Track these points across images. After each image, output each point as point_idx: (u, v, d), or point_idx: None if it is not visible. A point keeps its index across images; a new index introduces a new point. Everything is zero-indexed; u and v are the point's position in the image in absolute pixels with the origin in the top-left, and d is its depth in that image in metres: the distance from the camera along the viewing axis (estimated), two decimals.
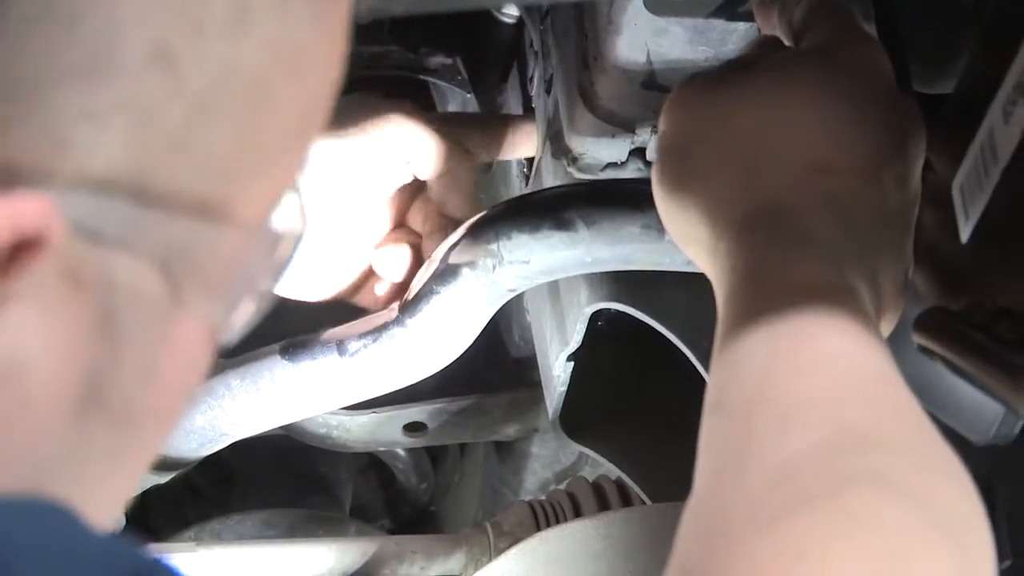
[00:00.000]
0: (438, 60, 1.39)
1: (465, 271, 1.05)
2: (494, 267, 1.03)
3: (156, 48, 0.46)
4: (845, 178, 0.73)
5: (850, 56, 0.76)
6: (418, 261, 1.11)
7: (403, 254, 1.11)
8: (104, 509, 0.51)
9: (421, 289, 1.07)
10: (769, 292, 0.68)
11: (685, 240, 0.77)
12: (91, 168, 0.46)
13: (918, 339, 0.72)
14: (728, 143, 0.75)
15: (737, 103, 0.76)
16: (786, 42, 0.83)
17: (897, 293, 0.75)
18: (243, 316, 0.54)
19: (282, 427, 1.28)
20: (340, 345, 1.12)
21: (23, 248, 0.44)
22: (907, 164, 0.75)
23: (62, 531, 0.45)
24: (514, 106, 1.35)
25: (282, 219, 0.54)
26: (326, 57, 0.52)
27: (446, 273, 1.06)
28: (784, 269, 0.69)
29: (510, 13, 1.30)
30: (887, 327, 0.74)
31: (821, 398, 0.63)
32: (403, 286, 1.11)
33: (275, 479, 1.63)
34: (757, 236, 0.71)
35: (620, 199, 1.02)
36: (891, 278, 0.74)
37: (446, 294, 1.06)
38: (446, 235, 1.08)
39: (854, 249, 0.71)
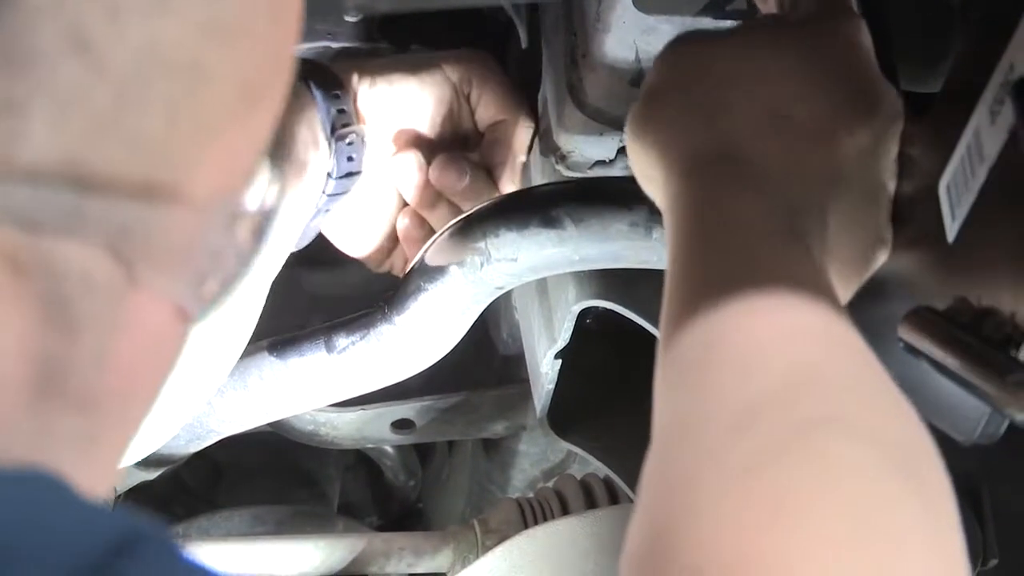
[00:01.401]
0: None
1: (453, 269, 1.05)
2: (482, 265, 1.03)
3: (71, 34, 0.45)
4: (803, 130, 0.75)
5: (831, 26, 0.79)
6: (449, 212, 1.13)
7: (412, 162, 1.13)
8: (85, 492, 0.51)
9: (409, 286, 1.07)
10: (719, 234, 0.69)
11: (645, 180, 0.79)
12: (18, 158, 0.45)
13: (904, 338, 0.72)
14: (698, 88, 0.77)
15: (716, 54, 0.79)
16: None
17: (857, 260, 0.76)
18: (211, 293, 0.53)
19: (270, 424, 1.28)
20: (328, 342, 1.12)
21: None
22: (876, 137, 0.76)
23: (44, 498, 0.45)
24: None
25: (250, 196, 0.53)
26: (268, 25, 0.51)
27: (434, 270, 1.06)
28: (734, 211, 0.70)
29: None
30: (843, 290, 0.75)
31: (774, 339, 0.63)
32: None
33: (263, 476, 1.63)
34: (708, 177, 0.73)
35: (608, 197, 1.02)
36: (847, 242, 0.75)
37: (434, 291, 1.06)
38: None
39: (804, 200, 0.72)
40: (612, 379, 1.30)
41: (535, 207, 1.02)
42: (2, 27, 0.44)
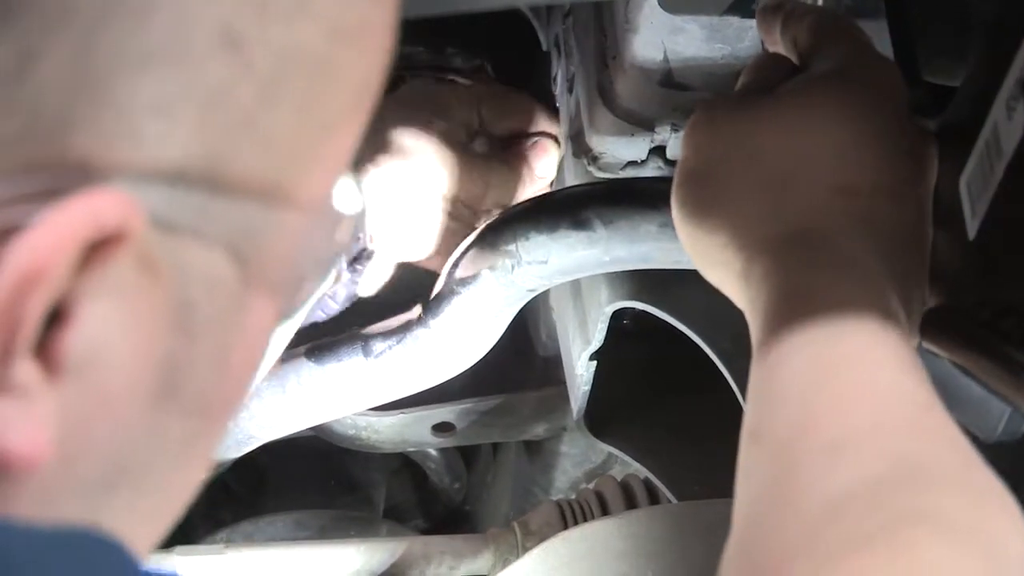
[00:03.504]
0: (464, 60, 1.39)
1: (485, 272, 1.05)
2: (513, 268, 1.04)
3: (223, 33, 0.46)
4: (870, 199, 0.73)
5: (869, 79, 0.77)
6: None
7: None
8: (177, 497, 0.52)
9: (442, 290, 1.08)
10: (812, 315, 0.67)
11: (710, 263, 0.76)
12: (164, 158, 0.46)
13: (923, 338, 0.71)
14: (754, 166, 0.75)
15: (760, 127, 0.76)
16: (792, 59, 0.82)
17: (920, 310, 0.75)
18: (306, 297, 0.54)
19: (312, 429, 1.29)
20: (365, 346, 1.12)
21: (104, 243, 0.44)
22: (925, 185, 0.76)
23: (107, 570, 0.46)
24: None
25: (341, 199, 0.54)
26: (381, 28, 0.52)
27: (466, 275, 1.06)
28: (828, 292, 0.68)
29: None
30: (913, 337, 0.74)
31: (870, 426, 0.62)
32: None
33: (308, 480, 1.64)
34: (796, 258, 0.71)
35: (637, 198, 1.02)
36: (917, 296, 0.74)
37: (467, 295, 1.07)
38: None
39: (888, 271, 0.71)
40: (649, 379, 1.30)
41: (565, 209, 1.02)
42: (160, 24, 0.45)
